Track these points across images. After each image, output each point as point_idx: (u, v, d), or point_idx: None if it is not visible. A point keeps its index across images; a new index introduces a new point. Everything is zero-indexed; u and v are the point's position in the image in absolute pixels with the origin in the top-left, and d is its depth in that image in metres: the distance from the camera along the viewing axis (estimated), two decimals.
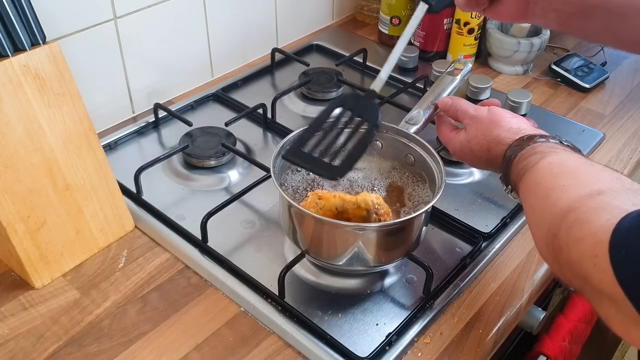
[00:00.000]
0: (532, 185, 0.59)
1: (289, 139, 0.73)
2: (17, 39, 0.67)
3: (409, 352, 0.67)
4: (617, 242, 0.44)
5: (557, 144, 0.62)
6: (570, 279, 0.52)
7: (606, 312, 0.47)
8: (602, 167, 0.56)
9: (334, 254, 0.70)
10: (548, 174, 0.58)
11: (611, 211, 0.47)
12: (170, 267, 0.76)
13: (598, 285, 0.46)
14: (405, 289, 0.74)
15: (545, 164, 0.59)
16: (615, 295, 0.44)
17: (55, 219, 0.72)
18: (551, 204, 0.54)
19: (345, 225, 0.66)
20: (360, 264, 0.70)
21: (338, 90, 1.08)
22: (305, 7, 1.26)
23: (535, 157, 0.60)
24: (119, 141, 0.96)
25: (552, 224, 0.52)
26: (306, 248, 0.71)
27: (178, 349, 0.67)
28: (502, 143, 0.67)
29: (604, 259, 0.45)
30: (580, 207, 0.50)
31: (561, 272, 0.53)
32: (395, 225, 0.69)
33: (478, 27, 1.14)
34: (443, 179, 0.70)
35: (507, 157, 0.65)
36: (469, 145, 0.72)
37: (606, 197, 0.49)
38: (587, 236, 0.47)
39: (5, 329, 0.68)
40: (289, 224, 0.71)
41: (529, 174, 0.60)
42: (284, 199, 0.68)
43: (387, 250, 0.70)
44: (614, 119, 1.07)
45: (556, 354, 0.89)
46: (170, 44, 1.02)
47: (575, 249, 0.49)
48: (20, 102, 0.67)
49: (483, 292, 0.74)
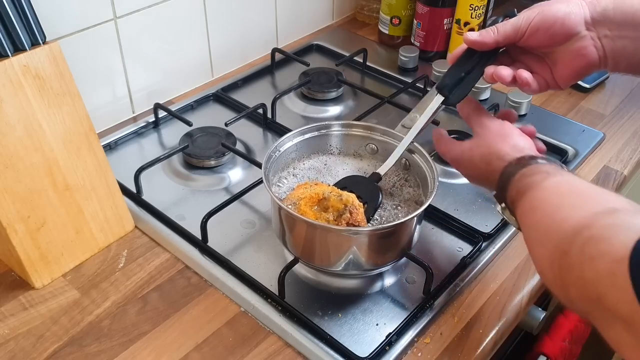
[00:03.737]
0: (537, 202, 0.58)
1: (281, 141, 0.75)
2: (17, 39, 0.67)
3: (409, 352, 0.67)
4: (638, 260, 0.42)
5: (560, 167, 0.61)
6: (576, 299, 0.50)
7: (617, 337, 0.45)
8: (609, 190, 0.55)
9: (326, 258, 0.70)
10: (556, 193, 0.56)
11: (630, 228, 0.45)
12: (170, 267, 0.76)
13: (613, 306, 0.44)
14: (405, 289, 0.74)
15: (552, 183, 0.57)
16: (632, 315, 0.42)
17: (55, 219, 0.72)
18: (560, 220, 0.52)
19: (337, 229, 0.66)
20: (354, 268, 0.70)
21: (338, 90, 1.08)
22: (305, 7, 1.26)
23: (540, 176, 0.59)
24: (119, 141, 0.96)
25: (561, 242, 0.51)
26: (299, 254, 0.71)
27: (178, 349, 0.67)
28: (503, 159, 0.65)
29: (623, 278, 0.43)
30: (595, 223, 0.48)
31: (565, 292, 0.51)
32: (386, 229, 0.68)
33: (478, 27, 1.14)
34: (435, 184, 0.70)
35: (506, 174, 0.63)
36: (470, 153, 0.70)
37: (622, 214, 0.48)
38: (604, 254, 0.45)
39: (5, 329, 0.68)
40: (280, 229, 0.71)
41: (532, 192, 0.58)
42: (275, 204, 0.68)
43: (380, 253, 0.70)
44: (614, 119, 1.07)
45: (556, 354, 0.89)
46: (170, 44, 1.02)
47: (590, 267, 0.47)
48: (20, 102, 0.67)
49: (483, 292, 0.74)
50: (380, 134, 0.79)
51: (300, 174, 0.79)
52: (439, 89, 0.70)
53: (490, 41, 0.68)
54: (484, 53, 0.70)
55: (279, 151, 0.76)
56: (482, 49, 0.69)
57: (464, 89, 0.70)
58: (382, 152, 0.79)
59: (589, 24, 0.65)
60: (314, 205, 0.69)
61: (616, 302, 0.44)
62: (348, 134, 0.80)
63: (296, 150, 0.79)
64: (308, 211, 0.68)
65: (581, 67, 0.67)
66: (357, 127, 0.80)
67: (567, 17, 0.64)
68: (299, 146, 0.79)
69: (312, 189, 0.71)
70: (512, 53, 0.72)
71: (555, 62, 0.68)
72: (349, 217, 0.67)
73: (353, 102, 1.09)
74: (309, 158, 0.80)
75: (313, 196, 0.69)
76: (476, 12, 1.12)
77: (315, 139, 0.79)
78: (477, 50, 0.69)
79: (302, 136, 0.78)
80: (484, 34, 0.68)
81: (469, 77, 0.70)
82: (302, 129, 0.78)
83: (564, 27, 0.65)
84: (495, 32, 0.68)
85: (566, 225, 0.51)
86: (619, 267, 0.43)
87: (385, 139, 0.78)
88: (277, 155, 0.75)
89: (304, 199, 0.69)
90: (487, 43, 0.68)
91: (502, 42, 0.68)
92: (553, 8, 0.65)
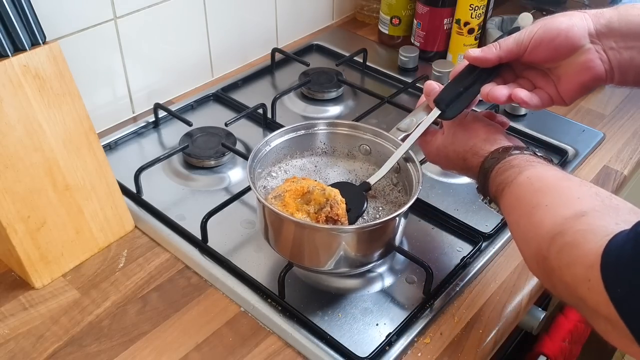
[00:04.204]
0: (513, 201, 0.59)
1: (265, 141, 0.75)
2: (17, 39, 0.67)
3: (409, 352, 0.67)
4: (607, 266, 0.44)
5: (532, 156, 0.62)
6: (564, 297, 0.52)
7: (603, 329, 0.48)
8: (579, 180, 0.56)
9: (316, 258, 0.69)
10: (529, 190, 0.58)
11: (597, 233, 0.47)
12: (170, 267, 0.76)
13: (594, 307, 0.46)
14: (405, 289, 0.74)
15: (524, 179, 0.59)
16: (611, 316, 0.44)
17: (55, 219, 0.72)
18: (536, 223, 0.54)
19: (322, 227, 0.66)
20: (344, 265, 0.70)
21: (338, 90, 1.08)
22: (305, 7, 1.26)
23: (513, 172, 0.60)
24: (119, 141, 0.96)
25: (540, 246, 0.53)
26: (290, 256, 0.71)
27: (178, 349, 0.67)
28: (478, 154, 0.66)
29: (597, 283, 0.45)
30: (567, 230, 0.50)
31: (554, 289, 0.53)
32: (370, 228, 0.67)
33: (478, 27, 1.14)
34: (419, 188, 0.69)
35: (484, 170, 0.65)
36: (445, 150, 0.71)
37: (590, 218, 0.50)
38: (578, 260, 0.48)
39: (5, 329, 0.68)
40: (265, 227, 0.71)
41: (508, 189, 0.60)
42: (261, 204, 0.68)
43: (367, 250, 0.70)
44: (614, 119, 1.07)
45: (556, 354, 0.89)
46: (170, 44, 1.02)
47: (568, 273, 0.49)
48: (20, 102, 0.67)
49: (483, 292, 0.74)
50: (373, 135, 0.78)
51: (292, 170, 0.78)
52: (437, 102, 0.70)
53: (493, 57, 0.67)
54: (484, 69, 0.69)
55: (269, 146, 0.76)
56: (484, 66, 0.68)
57: (461, 104, 0.69)
58: (375, 154, 0.78)
59: (593, 37, 0.63)
60: (297, 198, 0.70)
61: (596, 304, 0.46)
62: (341, 134, 0.79)
63: (288, 146, 0.78)
64: (291, 203, 0.69)
65: (586, 81, 0.65)
66: (349, 127, 0.79)
67: (570, 29, 0.63)
68: (291, 143, 0.78)
69: (299, 183, 0.71)
70: (516, 69, 0.70)
71: (560, 77, 0.66)
72: (329, 211, 0.67)
73: (353, 102, 1.09)
74: (302, 156, 0.80)
75: (298, 189, 0.70)
76: (476, 12, 1.12)
77: (306, 137, 0.79)
78: (478, 67, 0.69)
79: (295, 133, 0.78)
80: (485, 50, 0.68)
81: (467, 93, 0.69)
82: (294, 126, 0.77)
83: (567, 39, 0.63)
84: (497, 48, 0.67)
85: (542, 230, 0.53)
86: (592, 273, 0.45)
87: (377, 140, 0.77)
88: (267, 150, 0.75)
89: (289, 191, 0.70)
90: (490, 59, 0.67)
91: (505, 57, 0.67)
92: (556, 21, 0.64)
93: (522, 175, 0.59)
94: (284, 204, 0.69)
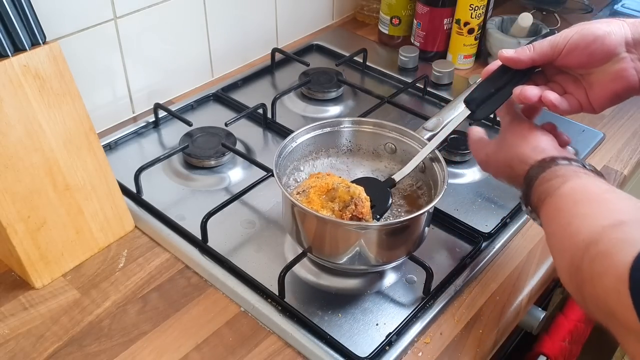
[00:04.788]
0: (553, 211, 0.57)
1: (292, 137, 0.75)
2: (17, 39, 0.67)
3: (409, 352, 0.67)
4: (636, 281, 0.42)
5: (580, 168, 0.60)
6: (594, 312, 0.50)
7: (632, 348, 0.46)
8: (625, 195, 0.54)
9: (335, 252, 0.70)
10: (570, 201, 0.56)
11: (633, 243, 0.45)
12: (170, 267, 0.76)
13: (624, 321, 0.44)
14: (405, 289, 0.74)
15: (567, 190, 0.57)
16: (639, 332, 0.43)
17: (55, 219, 0.72)
18: (572, 233, 0.52)
19: (347, 224, 0.67)
20: (362, 263, 0.70)
21: (338, 90, 1.08)
22: (305, 7, 1.26)
23: (557, 181, 0.58)
24: (119, 141, 0.96)
25: (574, 256, 0.51)
26: (309, 246, 0.71)
27: (178, 349, 0.67)
28: (525, 162, 0.64)
29: (625, 296, 0.43)
30: (602, 238, 0.48)
31: (584, 304, 0.51)
32: (395, 225, 0.69)
33: (478, 27, 1.14)
34: (444, 187, 0.69)
35: (528, 179, 0.62)
36: (495, 157, 0.69)
37: (628, 227, 0.47)
38: (609, 271, 0.45)
39: (5, 329, 0.68)
40: (292, 223, 0.71)
41: (550, 199, 0.58)
42: (286, 199, 0.68)
43: (388, 249, 0.70)
44: (614, 119, 1.07)
45: (556, 354, 0.89)
46: (170, 44, 1.02)
47: (599, 284, 0.47)
48: (20, 102, 0.67)
49: (483, 292, 0.74)
50: (398, 133, 0.78)
51: (319, 167, 0.79)
52: (467, 102, 0.68)
53: (526, 58, 0.66)
54: (517, 71, 0.67)
55: (295, 142, 0.76)
56: (517, 67, 0.67)
57: (492, 106, 0.68)
58: (400, 153, 0.79)
59: (630, 46, 0.61)
60: (322, 195, 0.70)
61: (625, 318, 0.44)
62: (366, 132, 0.80)
63: (314, 143, 0.79)
64: (316, 199, 0.69)
65: (619, 90, 0.63)
66: (374, 125, 0.80)
67: (607, 36, 0.61)
68: (316, 140, 0.79)
69: (324, 179, 0.72)
70: (547, 73, 0.69)
71: (592, 84, 0.64)
72: (354, 209, 0.68)
73: (353, 102, 1.09)
74: (327, 154, 0.81)
75: (323, 186, 0.70)
76: (476, 12, 1.12)
77: (332, 135, 0.80)
78: (511, 68, 0.67)
79: (321, 130, 0.78)
80: (519, 51, 0.66)
81: (498, 94, 0.68)
82: (320, 123, 0.78)
83: (603, 46, 0.61)
84: (531, 50, 0.65)
85: (578, 239, 0.51)
86: (622, 285, 0.43)
87: (403, 139, 0.78)
88: (293, 146, 0.76)
89: (313, 187, 0.70)
90: (522, 60, 0.66)
91: (539, 60, 0.66)
92: (593, 26, 0.62)
93: (566, 186, 0.57)
94: (308, 200, 0.69)
